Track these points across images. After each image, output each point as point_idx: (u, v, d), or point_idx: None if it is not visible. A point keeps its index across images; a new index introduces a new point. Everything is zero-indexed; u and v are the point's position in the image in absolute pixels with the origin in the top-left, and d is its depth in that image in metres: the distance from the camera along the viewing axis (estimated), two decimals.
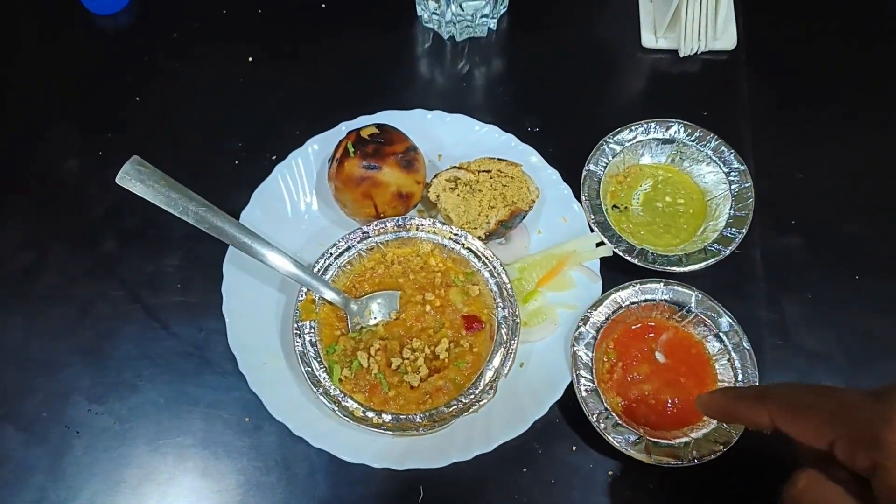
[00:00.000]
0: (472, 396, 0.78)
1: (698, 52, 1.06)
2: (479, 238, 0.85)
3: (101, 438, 0.84)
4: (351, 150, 0.86)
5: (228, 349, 0.85)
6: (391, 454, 0.78)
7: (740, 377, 0.82)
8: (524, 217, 0.88)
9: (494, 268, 0.84)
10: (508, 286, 0.83)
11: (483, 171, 0.88)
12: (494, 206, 0.86)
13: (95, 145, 1.02)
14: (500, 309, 0.83)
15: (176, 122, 1.04)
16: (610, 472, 0.82)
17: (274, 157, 0.97)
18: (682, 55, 1.06)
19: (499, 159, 0.89)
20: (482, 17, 1.05)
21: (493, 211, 0.86)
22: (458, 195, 0.87)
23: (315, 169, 0.95)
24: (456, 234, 0.85)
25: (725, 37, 1.05)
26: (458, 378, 0.80)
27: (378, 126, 0.89)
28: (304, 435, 0.79)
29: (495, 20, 1.08)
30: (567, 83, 1.07)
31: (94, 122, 1.04)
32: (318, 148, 0.95)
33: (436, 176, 0.88)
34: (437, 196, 0.87)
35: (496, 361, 0.80)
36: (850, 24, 1.11)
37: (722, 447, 0.78)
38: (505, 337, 0.81)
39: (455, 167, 0.89)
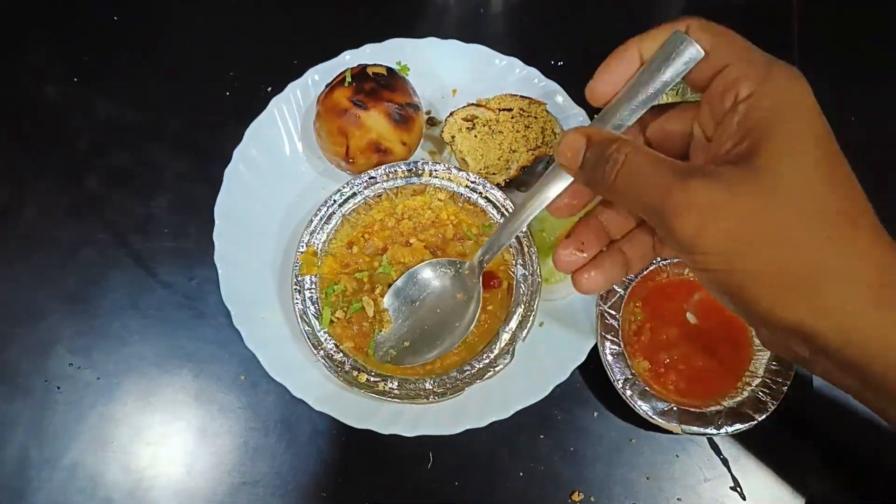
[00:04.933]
0: (487, 361, 0.72)
1: None
2: (497, 185, 0.77)
3: (85, 394, 0.78)
4: (348, 79, 0.78)
5: (223, 301, 0.78)
6: (400, 420, 0.72)
7: None
8: (548, 162, 0.79)
9: None
10: (529, 241, 0.75)
11: (504, 110, 0.79)
12: (516, 150, 0.77)
13: (73, 70, 0.93)
14: (518, 266, 0.75)
15: (159, 47, 0.95)
16: (633, 441, 0.77)
17: (270, 89, 0.88)
18: None
19: (521, 97, 0.80)
20: None
21: (515, 155, 0.77)
22: (476, 136, 0.78)
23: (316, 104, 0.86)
24: (473, 182, 0.77)
25: None
26: (469, 336, 0.73)
27: (389, 70, 0.79)
28: (304, 397, 0.73)
29: None
30: (598, 12, 0.97)
31: (71, 44, 0.94)
32: (320, 79, 0.86)
33: (451, 114, 0.79)
34: (452, 137, 0.79)
35: (513, 323, 0.73)
36: None
37: (756, 417, 0.72)
38: (524, 297, 0.74)
39: (473, 104, 0.80)
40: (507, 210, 0.76)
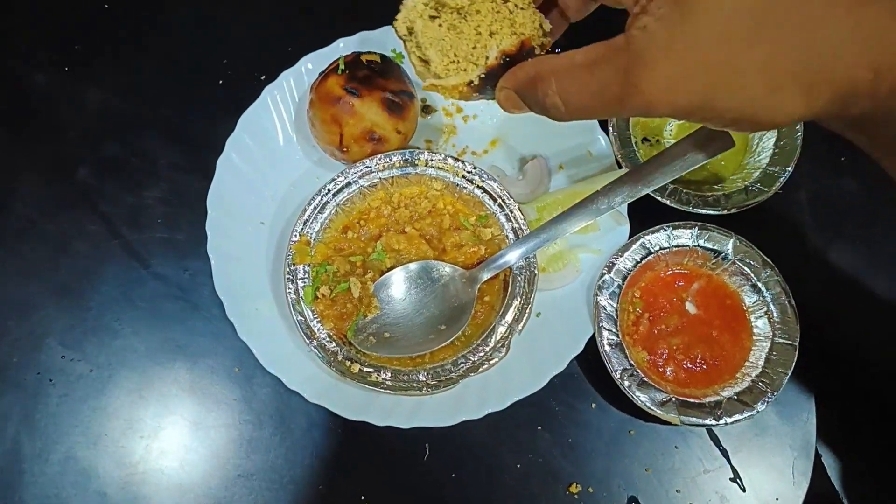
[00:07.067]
0: (482, 354, 0.71)
1: None
2: (471, 83, 0.53)
3: (77, 387, 0.77)
4: (341, 67, 0.76)
5: (216, 292, 0.77)
6: (396, 412, 0.72)
7: (779, 333, 0.74)
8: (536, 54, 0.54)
9: (511, 211, 0.75)
10: (526, 232, 0.74)
11: None
12: (497, 33, 0.53)
13: (62, 59, 0.91)
14: None
15: (151, 34, 0.93)
16: (632, 432, 0.76)
17: (263, 77, 0.87)
18: None
19: None
20: None
21: (495, 39, 0.53)
22: (441, 26, 0.54)
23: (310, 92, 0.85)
24: (469, 172, 0.75)
25: None
26: (466, 328, 0.73)
27: (383, 57, 0.78)
28: (299, 390, 0.72)
29: None
30: None
31: (60, 32, 0.93)
32: (313, 67, 0.84)
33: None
34: (409, 30, 0.55)
35: (509, 316, 0.72)
36: None
37: (756, 408, 0.71)
38: (520, 290, 0.73)
39: None
40: (504, 201, 0.75)
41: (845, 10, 0.36)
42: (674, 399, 0.72)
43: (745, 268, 0.76)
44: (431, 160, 0.76)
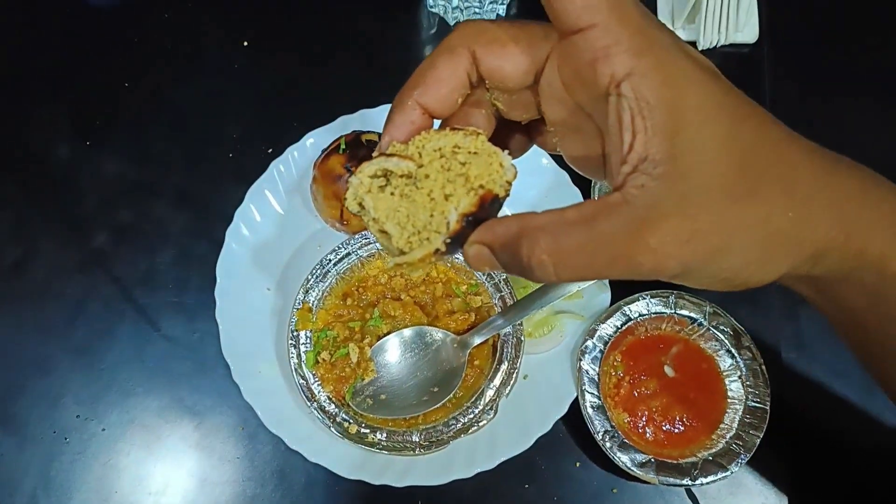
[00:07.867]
0: (472, 416, 0.75)
1: (718, 46, 1.01)
2: (437, 251, 0.45)
3: (90, 445, 0.82)
4: (342, 146, 0.83)
5: (223, 354, 0.82)
6: (390, 471, 0.76)
7: (751, 396, 0.79)
8: (500, 207, 0.49)
9: (499, 282, 0.80)
10: (513, 301, 0.80)
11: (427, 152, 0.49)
12: (452, 195, 0.46)
13: (84, 133, 0.98)
14: None
15: (167, 111, 1.00)
16: (615, 490, 0.80)
17: (270, 151, 0.93)
18: (700, 48, 1.01)
19: (452, 129, 0.47)
20: (490, 2, 1.00)
21: (451, 201, 0.46)
22: (394, 194, 0.48)
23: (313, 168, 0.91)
24: None
25: (747, 29, 1.00)
26: (457, 390, 0.77)
27: (381, 136, 0.85)
28: (299, 449, 0.77)
29: (504, 6, 1.02)
30: None
31: (83, 108, 1.00)
32: (315, 142, 0.90)
33: (352, 173, 0.50)
34: (360, 204, 0.48)
35: (497, 380, 0.77)
36: (879, 18, 1.05)
37: (730, 468, 0.75)
38: (508, 355, 0.78)
39: (384, 154, 0.48)
40: (492, 270, 0.80)
41: (822, 171, 0.39)
42: (652, 460, 0.76)
43: (720, 334, 0.81)
44: None
